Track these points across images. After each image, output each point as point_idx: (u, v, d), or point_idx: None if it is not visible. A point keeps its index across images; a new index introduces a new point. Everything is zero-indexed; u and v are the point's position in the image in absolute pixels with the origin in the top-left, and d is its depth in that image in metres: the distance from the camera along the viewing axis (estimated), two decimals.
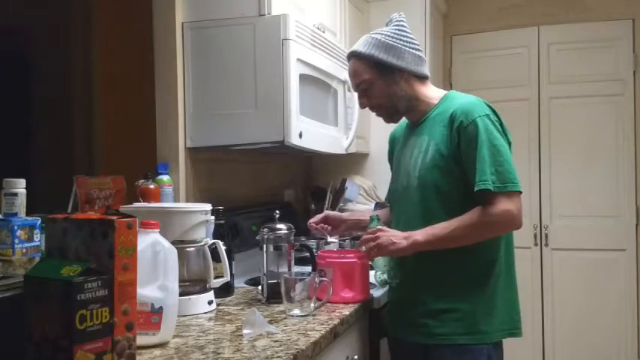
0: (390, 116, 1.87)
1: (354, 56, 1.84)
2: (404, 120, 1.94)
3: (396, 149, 1.97)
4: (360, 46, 1.83)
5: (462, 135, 1.68)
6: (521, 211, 1.66)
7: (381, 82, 1.79)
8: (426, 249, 1.68)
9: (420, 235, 1.67)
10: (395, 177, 1.91)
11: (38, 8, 3.23)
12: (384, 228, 1.77)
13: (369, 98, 1.84)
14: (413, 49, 1.82)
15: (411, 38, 1.83)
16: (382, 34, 1.81)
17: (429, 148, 1.74)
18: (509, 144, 1.72)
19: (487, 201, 1.63)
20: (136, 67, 2.55)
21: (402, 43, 1.80)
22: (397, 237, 1.69)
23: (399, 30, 1.82)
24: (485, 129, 1.66)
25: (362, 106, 1.89)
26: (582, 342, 3.72)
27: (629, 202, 3.69)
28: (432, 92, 1.85)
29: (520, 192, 1.66)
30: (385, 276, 1.96)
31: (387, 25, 1.86)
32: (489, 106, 1.73)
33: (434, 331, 1.72)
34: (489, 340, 1.71)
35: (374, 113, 1.90)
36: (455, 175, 1.70)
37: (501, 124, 1.72)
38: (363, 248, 1.77)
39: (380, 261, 1.93)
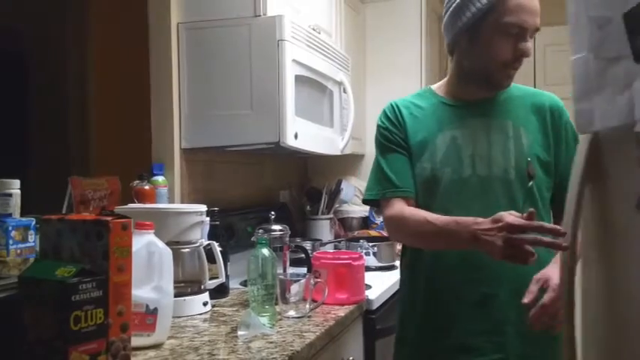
0: (511, 81, 1.61)
1: None
2: (412, 98, 1.69)
3: (415, 127, 1.62)
4: None
5: (569, 131, 1.58)
6: None
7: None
8: None
9: None
10: (448, 160, 1.57)
11: (35, 8, 3.22)
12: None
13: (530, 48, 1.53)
14: None
15: None
16: None
17: (522, 136, 1.56)
18: None
19: None
20: (132, 67, 2.54)
21: None
22: None
23: None
24: None
25: (527, 50, 1.51)
26: None
27: None
28: None
29: None
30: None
31: None
32: None
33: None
34: None
35: (509, 66, 1.54)
36: (551, 171, 1.57)
37: None
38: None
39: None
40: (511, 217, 1.27)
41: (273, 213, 2.07)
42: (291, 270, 1.98)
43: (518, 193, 1.53)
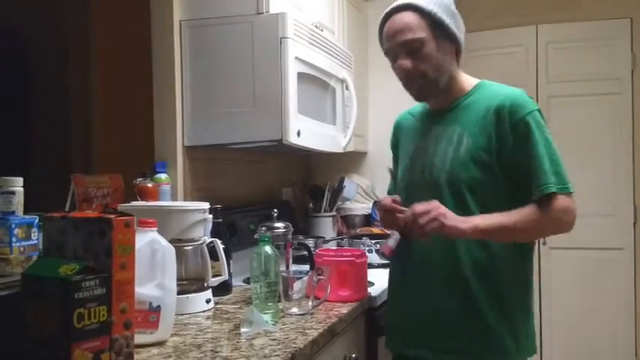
0: (425, 91, 1.63)
1: (410, 9, 1.59)
2: (414, 108, 1.81)
3: (403, 139, 1.80)
4: (420, 0, 1.60)
5: (515, 131, 1.54)
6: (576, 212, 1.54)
7: (434, 46, 1.58)
8: (481, 237, 1.53)
9: (480, 220, 1.51)
10: (409, 168, 1.71)
11: (36, 7, 3.23)
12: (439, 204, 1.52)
13: (417, 61, 1.58)
14: (463, 24, 1.67)
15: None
16: None
17: (463, 140, 1.59)
18: None
19: (547, 201, 1.51)
20: (134, 65, 2.54)
21: (459, 14, 1.65)
22: (456, 218, 1.50)
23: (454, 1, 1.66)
24: (538, 125, 1.55)
25: (404, 67, 1.59)
26: (580, 341, 3.72)
27: (626, 201, 3.70)
28: (465, 78, 1.69)
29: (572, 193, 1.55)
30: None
31: None
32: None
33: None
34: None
35: (406, 84, 1.63)
36: (494, 172, 1.56)
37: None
38: (420, 221, 1.48)
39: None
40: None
41: (275, 210, 2.07)
42: (293, 267, 1.98)
43: (446, 196, 1.58)
